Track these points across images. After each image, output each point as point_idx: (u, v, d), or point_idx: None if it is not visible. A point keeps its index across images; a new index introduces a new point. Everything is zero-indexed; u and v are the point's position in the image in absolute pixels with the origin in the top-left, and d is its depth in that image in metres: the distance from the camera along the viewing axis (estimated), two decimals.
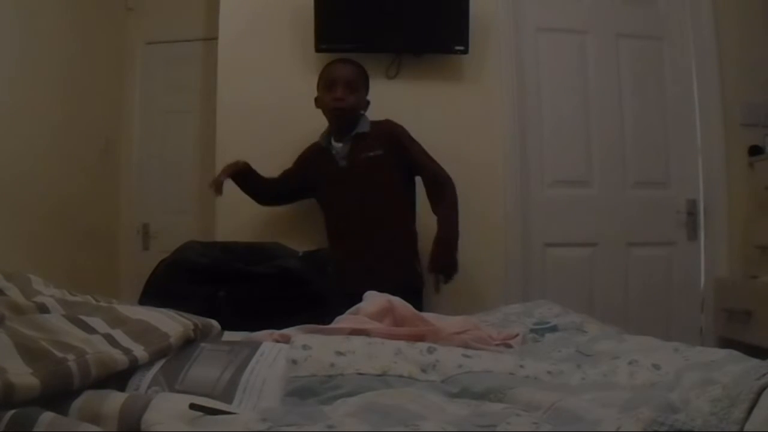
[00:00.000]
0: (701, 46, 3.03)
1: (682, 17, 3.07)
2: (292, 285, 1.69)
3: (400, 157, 2.42)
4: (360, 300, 1.49)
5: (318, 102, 2.49)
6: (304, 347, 1.02)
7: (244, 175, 2.49)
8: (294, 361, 0.98)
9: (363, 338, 1.13)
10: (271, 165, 2.76)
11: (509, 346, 1.38)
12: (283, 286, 1.68)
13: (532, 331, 1.51)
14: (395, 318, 1.42)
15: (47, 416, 0.71)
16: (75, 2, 3.08)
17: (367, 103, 2.50)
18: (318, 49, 2.76)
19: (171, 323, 1.07)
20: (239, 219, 2.73)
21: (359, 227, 2.36)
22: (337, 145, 2.44)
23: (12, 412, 0.71)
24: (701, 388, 0.84)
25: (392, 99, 2.71)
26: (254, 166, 2.76)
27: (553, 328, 1.51)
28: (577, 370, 1.08)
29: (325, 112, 2.47)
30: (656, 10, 3.09)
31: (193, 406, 0.79)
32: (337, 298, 1.64)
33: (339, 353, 1.02)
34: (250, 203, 2.73)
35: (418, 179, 2.51)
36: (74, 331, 0.94)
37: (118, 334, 0.99)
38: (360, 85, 2.46)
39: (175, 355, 1.02)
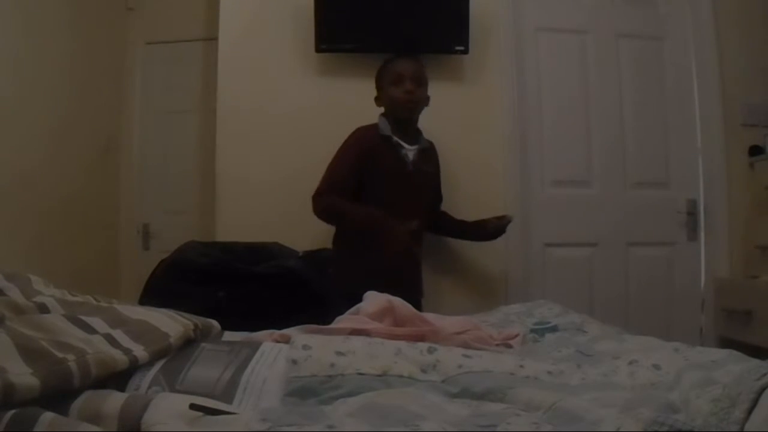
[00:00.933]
0: (701, 46, 3.03)
1: (682, 17, 3.07)
2: (293, 285, 1.69)
3: (437, 181, 2.60)
4: (360, 300, 1.49)
5: (380, 100, 2.44)
6: (305, 347, 1.02)
7: None
8: (294, 361, 0.98)
9: (363, 338, 1.13)
10: (271, 165, 2.77)
11: (509, 346, 1.38)
12: (283, 286, 1.68)
13: (532, 331, 1.51)
14: (395, 318, 1.42)
15: (47, 416, 0.71)
16: (75, 2, 3.08)
17: (428, 99, 2.47)
18: (318, 50, 2.76)
19: (171, 323, 1.07)
20: (239, 219, 2.73)
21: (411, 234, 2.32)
22: (408, 148, 2.41)
23: (12, 412, 0.71)
24: (701, 388, 0.84)
25: None
26: (254, 166, 2.77)
27: (554, 328, 1.51)
28: (577, 370, 1.08)
29: (392, 108, 2.40)
30: (656, 10, 3.09)
31: (193, 406, 0.79)
32: (337, 298, 1.64)
33: (339, 353, 1.02)
34: (250, 203, 2.74)
35: None
36: (74, 332, 0.94)
37: (119, 334, 0.99)
38: (425, 79, 2.44)
39: (175, 355, 1.02)
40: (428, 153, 2.50)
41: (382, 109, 2.45)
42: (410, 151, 2.40)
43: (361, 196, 2.33)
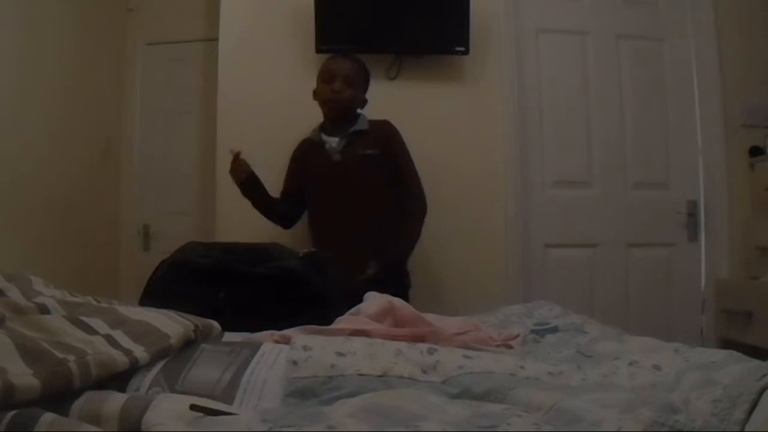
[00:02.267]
0: (701, 46, 3.03)
1: (682, 17, 3.07)
2: (293, 286, 1.69)
3: (390, 159, 2.41)
4: (360, 300, 1.49)
5: (315, 94, 2.48)
6: (305, 348, 1.02)
7: (253, 182, 2.40)
8: (294, 362, 0.98)
9: (363, 339, 1.13)
10: (270, 166, 2.76)
11: (510, 347, 1.38)
12: (283, 287, 1.68)
13: (532, 332, 1.51)
14: (396, 319, 1.42)
15: (48, 417, 0.71)
16: (75, 3, 3.08)
17: (365, 101, 2.47)
18: (318, 50, 2.76)
19: (171, 324, 1.07)
20: (239, 220, 2.72)
21: (346, 224, 2.33)
22: (331, 140, 2.42)
23: (12, 412, 0.71)
24: (702, 388, 0.84)
25: (393, 100, 2.71)
26: (254, 167, 2.77)
27: (554, 329, 1.50)
28: (577, 370, 1.08)
29: (321, 105, 2.46)
30: (656, 10, 3.10)
31: (193, 407, 0.79)
32: (337, 299, 1.64)
33: (339, 354, 1.01)
34: (250, 204, 2.73)
35: None
36: (75, 332, 0.94)
37: (119, 335, 0.99)
38: (358, 80, 2.43)
39: (175, 355, 1.02)
40: (367, 135, 2.41)
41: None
42: (334, 141, 2.41)
43: (307, 206, 2.49)
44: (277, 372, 0.99)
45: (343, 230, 2.33)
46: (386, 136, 2.44)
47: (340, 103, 2.40)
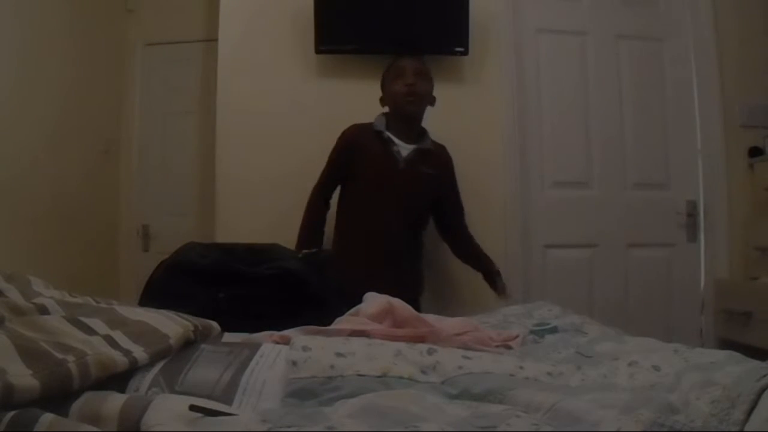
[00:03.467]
0: (701, 46, 3.03)
1: (682, 17, 3.07)
2: (292, 286, 1.69)
3: (443, 186, 2.51)
4: (360, 301, 1.49)
5: (384, 99, 2.46)
6: (304, 348, 1.02)
7: None
8: (294, 363, 0.98)
9: (363, 339, 1.13)
10: (270, 167, 2.77)
11: (509, 348, 1.38)
12: (283, 288, 1.68)
13: (532, 332, 1.51)
14: (395, 319, 1.42)
15: (47, 417, 0.71)
16: (75, 3, 3.08)
17: (434, 98, 2.47)
18: (318, 51, 2.76)
19: (171, 324, 1.07)
20: (239, 220, 2.73)
21: (388, 228, 2.36)
22: (403, 145, 2.39)
23: (12, 413, 0.71)
24: (701, 389, 0.84)
25: None
26: (254, 168, 2.77)
27: (553, 330, 1.50)
28: (577, 371, 1.08)
29: (394, 103, 2.41)
30: (656, 10, 3.10)
31: (193, 408, 0.79)
32: (337, 300, 1.64)
33: (339, 354, 1.01)
34: (250, 204, 2.74)
35: None
36: (74, 333, 0.94)
37: (118, 336, 0.99)
38: (429, 76, 2.45)
39: (175, 356, 1.02)
40: (430, 155, 2.45)
41: (385, 110, 2.47)
42: (404, 149, 2.39)
43: (346, 188, 2.44)
44: (277, 372, 0.99)
45: (381, 234, 2.35)
46: (446, 160, 2.55)
47: (416, 96, 2.38)
